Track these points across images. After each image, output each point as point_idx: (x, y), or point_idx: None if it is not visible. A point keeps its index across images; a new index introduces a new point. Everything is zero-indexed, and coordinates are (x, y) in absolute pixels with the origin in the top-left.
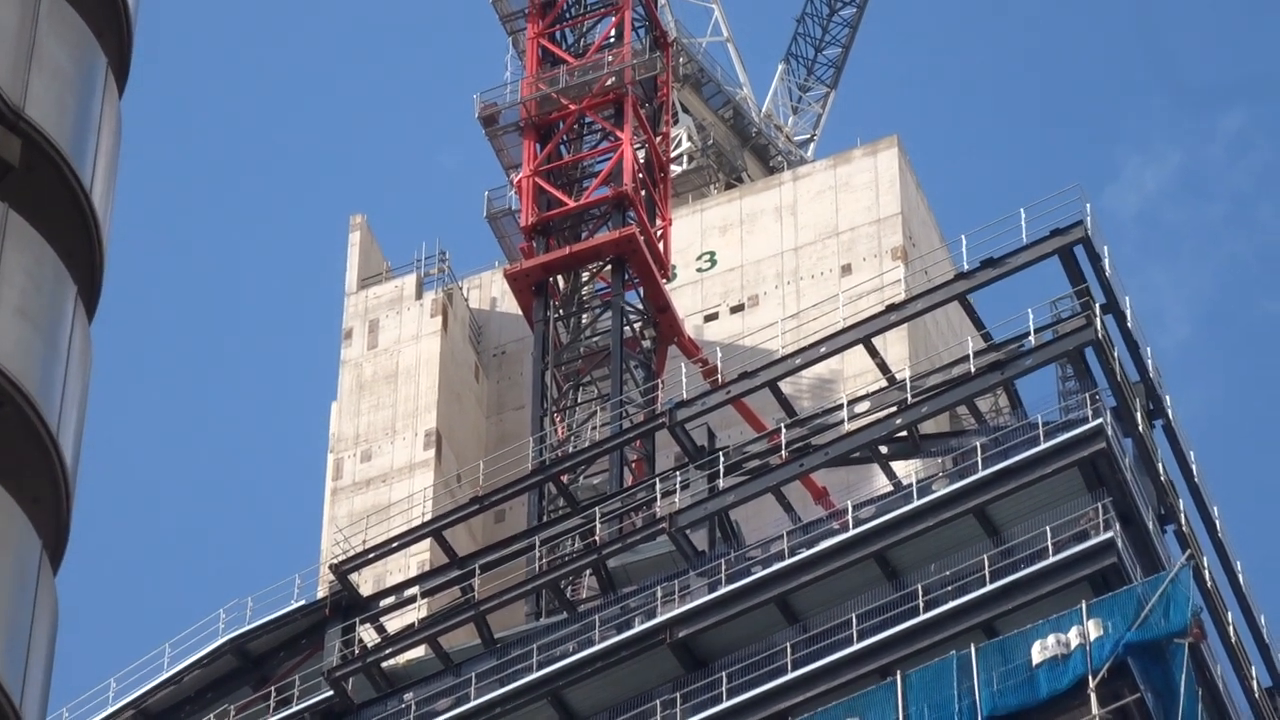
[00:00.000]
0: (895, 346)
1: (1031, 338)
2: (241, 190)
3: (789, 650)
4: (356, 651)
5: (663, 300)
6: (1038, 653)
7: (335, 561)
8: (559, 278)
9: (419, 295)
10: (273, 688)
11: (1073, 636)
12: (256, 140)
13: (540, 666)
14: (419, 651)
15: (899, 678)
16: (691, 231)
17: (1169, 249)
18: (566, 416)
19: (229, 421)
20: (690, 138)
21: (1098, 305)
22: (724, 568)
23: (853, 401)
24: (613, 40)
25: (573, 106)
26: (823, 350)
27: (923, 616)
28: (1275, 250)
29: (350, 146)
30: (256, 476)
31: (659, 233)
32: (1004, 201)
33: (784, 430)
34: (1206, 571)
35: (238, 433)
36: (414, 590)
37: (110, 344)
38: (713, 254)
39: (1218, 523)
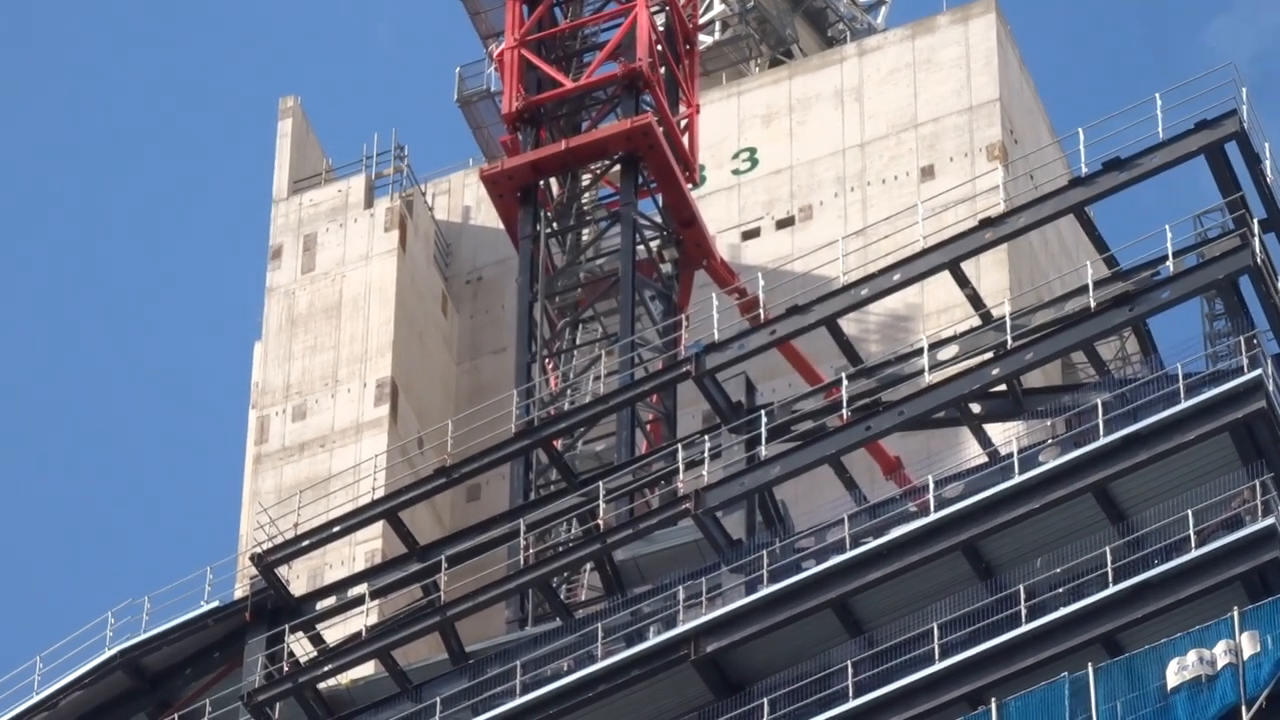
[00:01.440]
0: (991, 274)
1: (1170, 263)
2: (136, 70)
3: (850, 670)
4: (285, 668)
5: (688, 211)
6: (1174, 675)
7: (258, 551)
8: (552, 181)
9: (369, 203)
10: (176, 715)
11: (1220, 654)
12: (149, 8)
13: (525, 690)
14: (367, 669)
15: (993, 707)
16: (726, 122)
17: None
18: (561, 363)
19: (119, 367)
20: None
21: (1256, 221)
22: (766, 562)
23: (935, 345)
24: None
25: None
26: (897, 278)
27: (1025, 627)
28: None
29: (281, 9)
30: (155, 439)
31: (683, 123)
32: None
33: (845, 383)
34: None
35: (131, 381)
36: (361, 589)
37: None
38: (753, 151)
39: None
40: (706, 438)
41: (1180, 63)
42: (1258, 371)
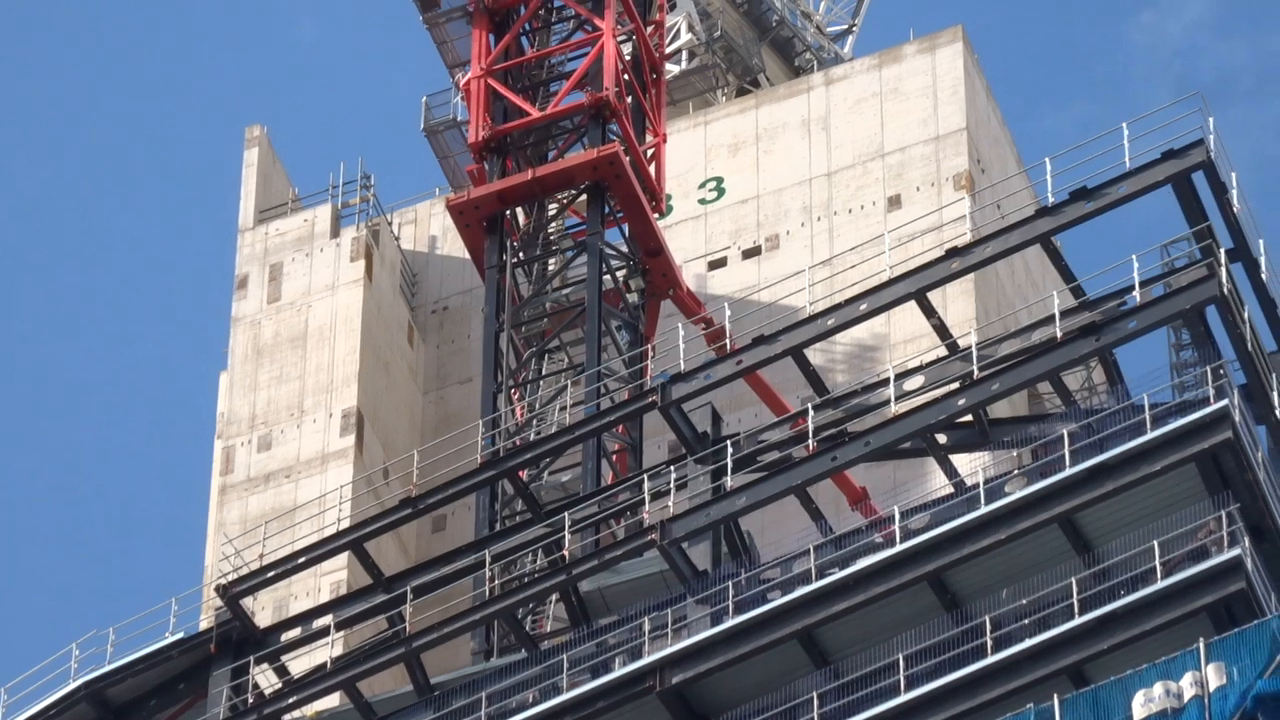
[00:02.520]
0: (958, 303)
1: (1136, 293)
2: (102, 97)
3: (815, 702)
4: (251, 700)
5: (654, 241)
6: (1141, 707)
7: (224, 582)
8: (518, 210)
9: (335, 232)
10: None
11: (1187, 686)
12: (117, 36)
13: None
14: (332, 700)
15: None
16: (693, 151)
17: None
18: (527, 393)
19: (83, 395)
20: (692, 28)
21: (1223, 251)
22: (731, 593)
23: (902, 376)
24: None
25: None
26: (863, 308)
27: (991, 659)
28: None
29: (247, 39)
30: (120, 469)
31: (650, 153)
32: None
33: (812, 413)
34: None
35: (97, 411)
36: (326, 620)
37: None
38: (720, 181)
39: None
40: (672, 468)
41: (1103, 58)
42: (1224, 402)
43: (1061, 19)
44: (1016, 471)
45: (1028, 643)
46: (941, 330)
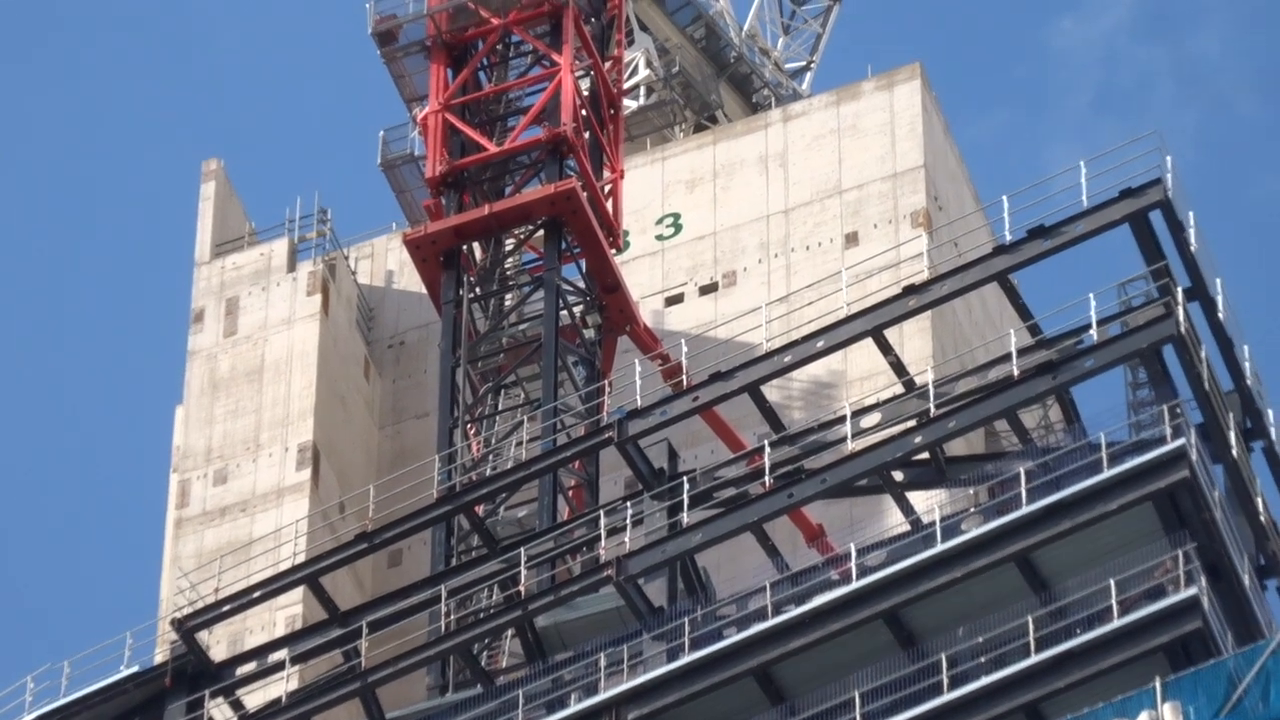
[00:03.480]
0: (915, 341)
1: (1093, 331)
2: (55, 129)
3: None
4: None
5: (611, 276)
6: None
7: (179, 616)
8: (475, 245)
9: (291, 266)
10: None
11: None
12: (72, 68)
13: None
14: None
15: None
16: (650, 187)
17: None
18: (483, 428)
19: (39, 428)
20: (650, 64)
21: (1180, 290)
22: (688, 629)
23: (858, 413)
24: None
25: (495, 20)
26: (820, 345)
27: (947, 696)
28: None
29: (204, 72)
30: (76, 501)
31: (607, 188)
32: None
33: (768, 449)
34: None
35: (51, 444)
36: (282, 655)
37: None
38: (677, 217)
39: None
40: (629, 504)
41: (1030, 62)
42: (1181, 441)
43: (982, 24)
44: (973, 509)
45: (984, 680)
46: (898, 368)
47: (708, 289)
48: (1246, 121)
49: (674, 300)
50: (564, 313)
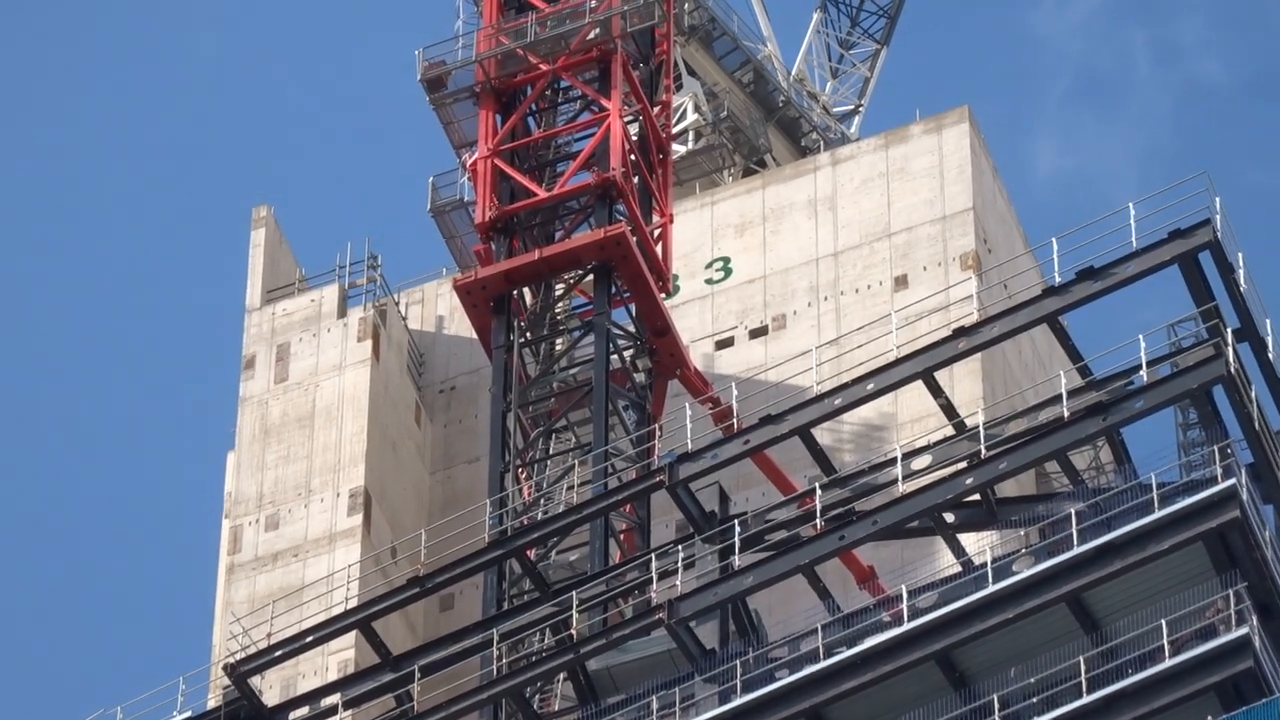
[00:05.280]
0: (965, 383)
1: (1143, 373)
2: (108, 179)
3: None
4: None
5: (661, 320)
6: None
7: (232, 661)
8: (525, 291)
9: (342, 312)
10: None
11: None
12: (123, 117)
13: None
14: None
15: None
16: (699, 231)
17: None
18: (535, 473)
19: (92, 476)
20: (698, 108)
21: (1229, 330)
22: (739, 672)
23: (909, 455)
24: None
25: (544, 66)
26: (870, 388)
27: None
28: None
29: (254, 118)
30: (129, 548)
31: (657, 232)
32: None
33: (819, 492)
34: None
35: (104, 490)
36: (334, 699)
37: None
38: (727, 261)
39: None
40: (680, 547)
41: (1009, 52)
42: (1231, 481)
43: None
44: (1024, 550)
45: None
46: (949, 410)
47: (758, 332)
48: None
49: (724, 344)
50: (614, 357)
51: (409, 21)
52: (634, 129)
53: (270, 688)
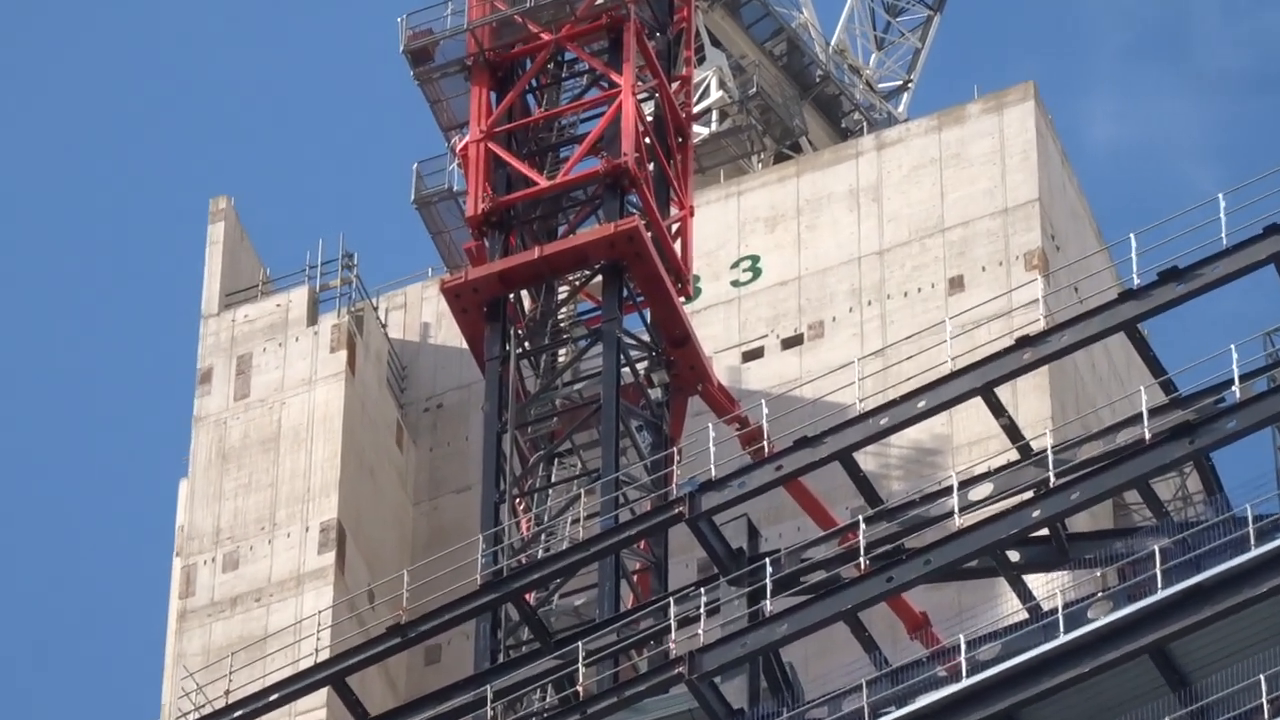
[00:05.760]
0: (1031, 400)
1: (1236, 389)
2: (41, 168)
3: None
4: None
5: (680, 328)
6: None
7: None
8: (523, 294)
9: (312, 319)
10: None
11: None
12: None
13: None
14: None
15: None
16: (725, 226)
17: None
18: (534, 504)
19: (24, 509)
20: (723, 84)
21: None
22: None
23: (967, 483)
24: None
25: (546, 36)
26: (921, 405)
27: None
28: None
29: (211, 96)
30: (65, 590)
31: (675, 227)
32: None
33: (863, 526)
34: None
35: (36, 526)
36: None
37: None
38: (756, 260)
39: None
40: (702, 590)
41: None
42: None
43: None
44: (1100, 594)
45: None
46: (1012, 431)
47: (791, 342)
48: None
49: (753, 355)
50: (626, 370)
51: None
52: (649, 108)
53: None
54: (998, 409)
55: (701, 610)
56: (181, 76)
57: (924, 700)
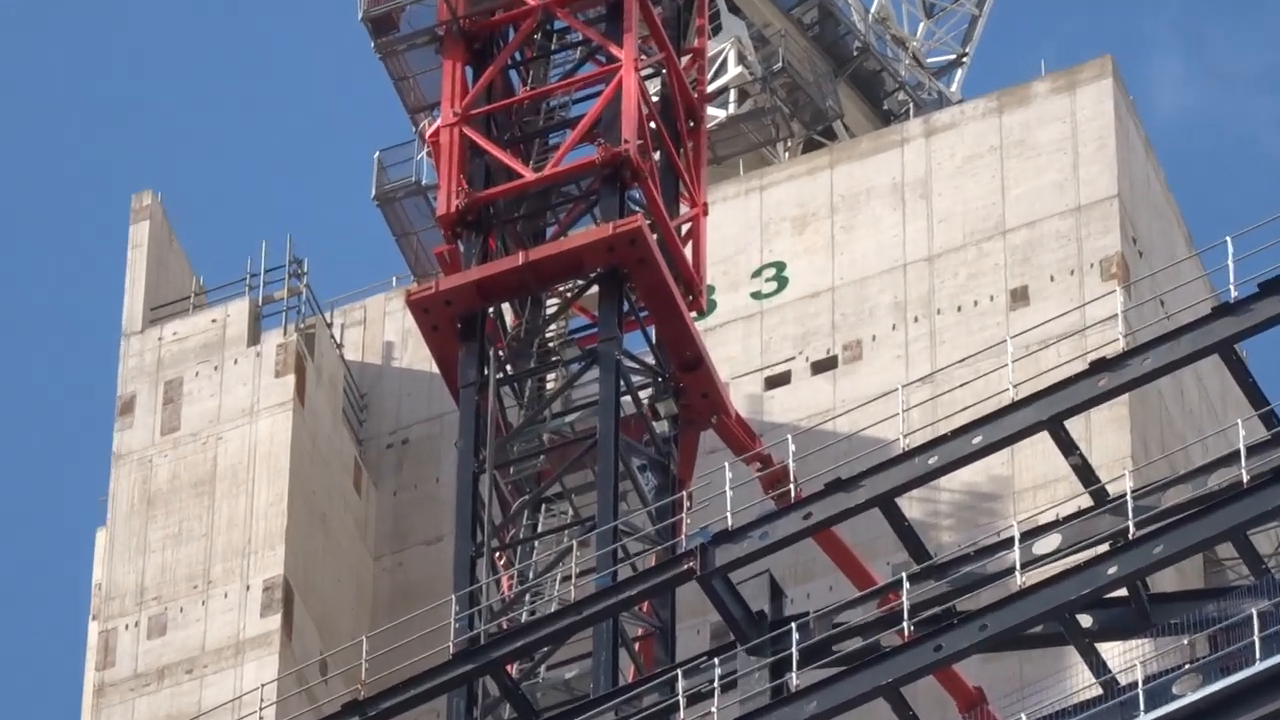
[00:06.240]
0: (1107, 435)
1: None
2: None
3: None
4: None
5: (691, 349)
6: None
7: None
8: (506, 308)
9: (254, 338)
10: None
11: None
12: None
13: None
14: None
15: None
16: (745, 226)
17: None
18: (518, 558)
19: None
20: (743, 59)
21: None
22: None
23: (1030, 534)
24: None
25: (532, 1)
26: (978, 442)
27: None
28: None
29: (136, 77)
30: None
31: (686, 228)
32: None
33: (907, 585)
34: None
35: None
36: None
37: None
38: (781, 267)
39: None
40: (716, 661)
41: None
42: None
43: None
44: (1188, 666)
45: None
46: (1084, 472)
47: (823, 365)
48: None
49: (777, 381)
50: (627, 399)
51: None
52: (654, 87)
53: None
54: (1068, 446)
55: (715, 684)
56: (96, 49)
57: None
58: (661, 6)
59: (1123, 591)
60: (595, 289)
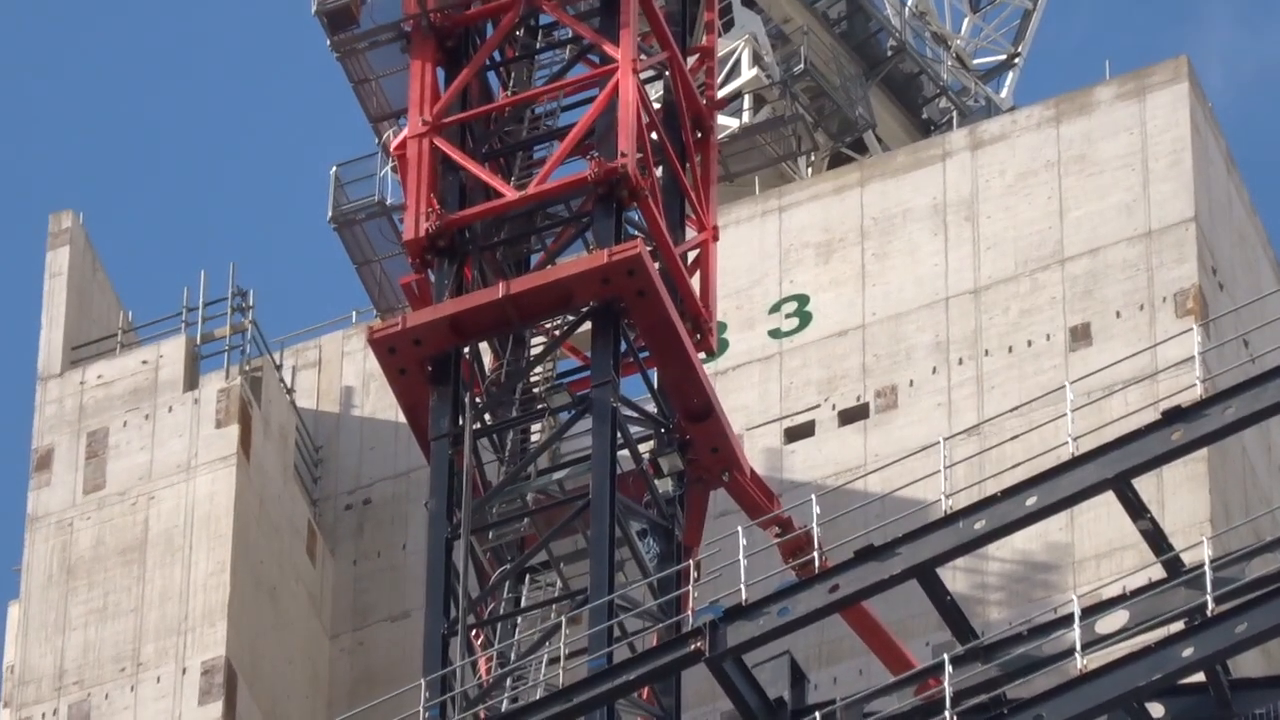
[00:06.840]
0: (1183, 496)
1: None
2: None
3: None
4: None
5: (699, 395)
6: None
7: None
8: (483, 347)
9: (192, 382)
10: None
11: None
12: None
13: None
14: None
15: None
16: (762, 254)
17: None
18: (497, 637)
19: None
20: (759, 59)
21: None
22: None
23: (1093, 610)
24: None
25: None
26: (1032, 503)
27: None
28: None
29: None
30: None
31: (693, 256)
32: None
33: (949, 669)
34: None
35: None
36: None
37: None
38: (804, 301)
39: None
40: None
41: None
42: None
43: None
44: None
45: None
46: (1156, 539)
47: (852, 415)
48: None
49: (799, 433)
50: (624, 453)
51: None
52: (656, 91)
53: None
54: (1136, 508)
55: None
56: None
57: None
58: (666, 1)
59: (1200, 677)
60: (587, 326)
